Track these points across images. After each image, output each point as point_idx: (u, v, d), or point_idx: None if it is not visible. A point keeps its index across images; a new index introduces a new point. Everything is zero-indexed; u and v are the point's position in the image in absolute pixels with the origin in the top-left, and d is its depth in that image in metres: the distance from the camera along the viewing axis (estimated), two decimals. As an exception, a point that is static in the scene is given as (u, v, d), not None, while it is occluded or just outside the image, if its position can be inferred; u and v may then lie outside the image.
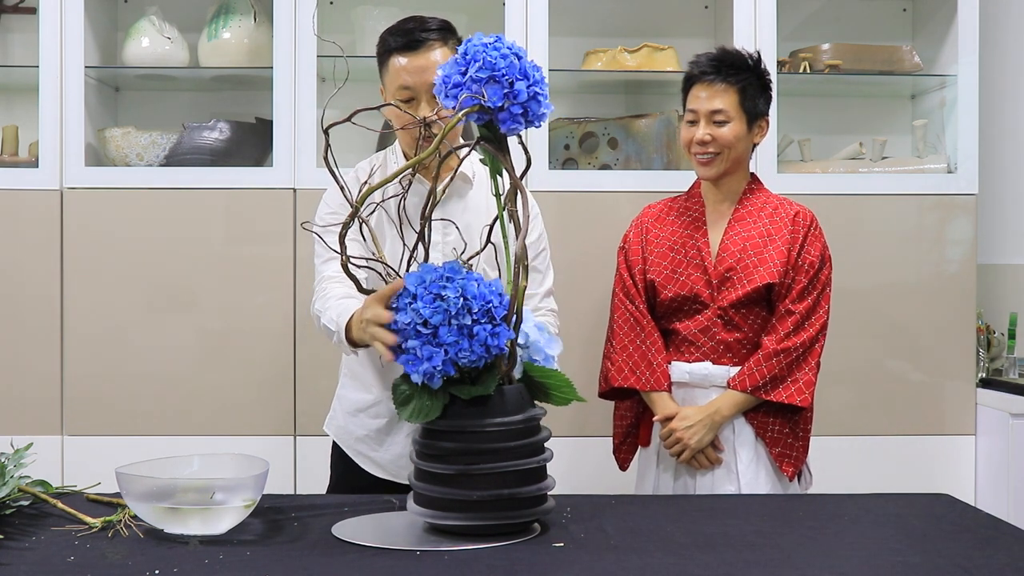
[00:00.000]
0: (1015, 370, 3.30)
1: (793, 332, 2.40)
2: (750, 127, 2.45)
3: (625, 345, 2.49)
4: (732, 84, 2.41)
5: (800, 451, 2.43)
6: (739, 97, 2.42)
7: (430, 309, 1.65)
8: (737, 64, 2.43)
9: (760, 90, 2.45)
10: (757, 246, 2.43)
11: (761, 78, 2.46)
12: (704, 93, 2.43)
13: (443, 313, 1.65)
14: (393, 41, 2.19)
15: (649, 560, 1.59)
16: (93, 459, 2.97)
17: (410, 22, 2.21)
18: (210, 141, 3.15)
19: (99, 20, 3.24)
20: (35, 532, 1.74)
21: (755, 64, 2.45)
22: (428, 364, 1.66)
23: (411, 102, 2.17)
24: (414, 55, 2.17)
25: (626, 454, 2.58)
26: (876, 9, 3.52)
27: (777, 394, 2.38)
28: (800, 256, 2.43)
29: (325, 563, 1.57)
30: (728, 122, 2.41)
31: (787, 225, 2.45)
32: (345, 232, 1.73)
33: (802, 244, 2.43)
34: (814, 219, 2.48)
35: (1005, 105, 3.51)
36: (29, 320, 3.09)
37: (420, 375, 1.67)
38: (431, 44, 2.17)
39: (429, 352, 1.66)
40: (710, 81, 2.42)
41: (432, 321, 1.65)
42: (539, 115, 1.70)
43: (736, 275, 2.42)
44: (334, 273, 2.15)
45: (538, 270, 2.32)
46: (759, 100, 2.45)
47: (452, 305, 1.65)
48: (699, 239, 2.48)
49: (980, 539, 1.73)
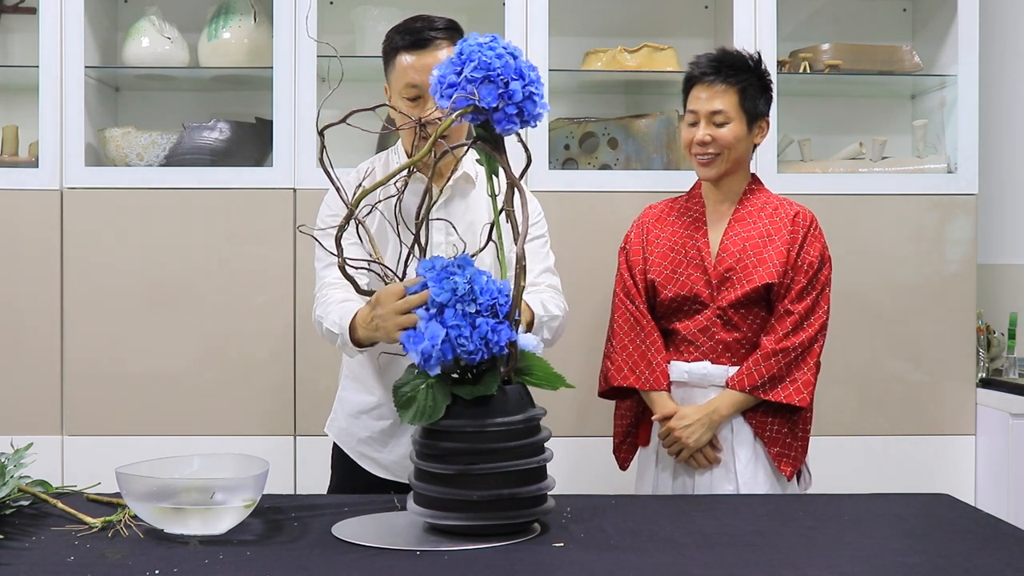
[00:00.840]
0: (1015, 370, 3.30)
1: (792, 332, 2.40)
2: (750, 128, 2.45)
3: (625, 345, 2.49)
4: (732, 85, 2.41)
5: (799, 451, 2.43)
6: (739, 98, 2.42)
7: (438, 288, 1.67)
8: (737, 65, 2.43)
9: (760, 91, 2.46)
10: (757, 246, 2.44)
11: (761, 79, 2.46)
12: (704, 94, 2.43)
13: (450, 292, 1.66)
14: (400, 39, 2.19)
15: (649, 560, 1.59)
16: (93, 459, 2.97)
17: (417, 21, 2.21)
18: (210, 141, 3.15)
19: (99, 20, 3.24)
20: (35, 532, 1.74)
21: (755, 65, 2.45)
22: (428, 342, 1.66)
23: (417, 100, 2.17)
24: (421, 53, 2.17)
25: (626, 454, 2.58)
26: (876, 9, 3.52)
27: (775, 394, 2.39)
28: (800, 256, 2.43)
29: (325, 563, 1.57)
30: (728, 123, 2.42)
31: (787, 225, 2.45)
32: (341, 234, 1.73)
33: (801, 244, 2.44)
34: (814, 219, 2.48)
35: (1005, 105, 3.51)
36: (29, 320, 3.09)
37: (418, 353, 1.68)
38: (438, 43, 2.17)
39: (431, 331, 1.67)
40: (710, 82, 2.42)
41: (438, 300, 1.67)
42: (535, 115, 1.70)
43: (736, 275, 2.43)
44: (335, 280, 2.16)
45: (537, 252, 2.30)
46: (759, 101, 2.46)
47: (460, 287, 1.66)
48: (699, 239, 2.48)
49: (980, 539, 1.73)
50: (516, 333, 1.72)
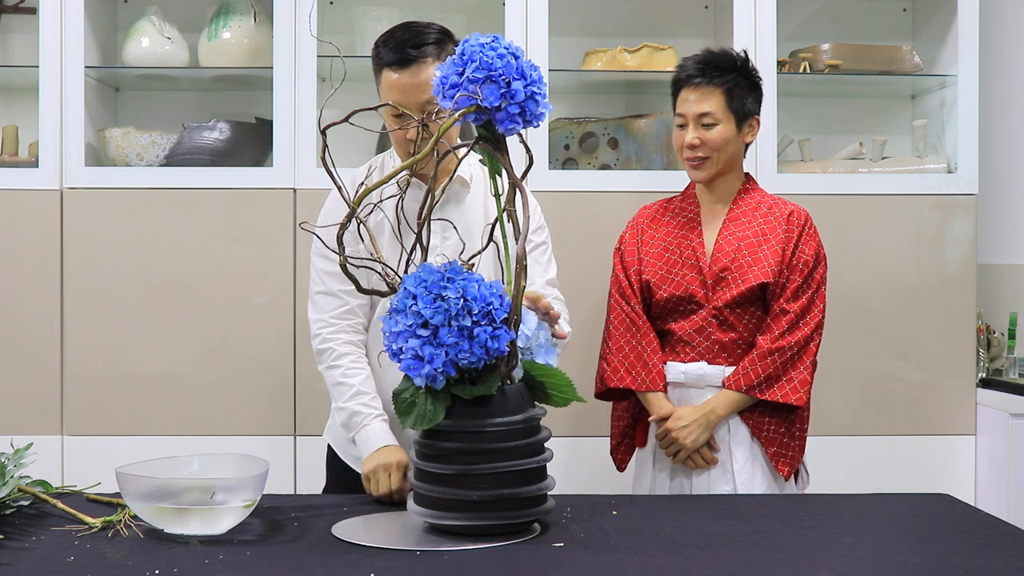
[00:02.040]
0: (1015, 370, 3.30)
1: (788, 331, 2.40)
2: (739, 127, 2.44)
3: (621, 346, 2.49)
4: (718, 86, 2.41)
5: (796, 451, 2.43)
6: (725, 98, 2.41)
7: (431, 310, 1.65)
8: (722, 65, 2.43)
9: (748, 89, 2.45)
10: (751, 246, 2.44)
11: (749, 76, 2.45)
12: (691, 96, 2.43)
13: (444, 314, 1.65)
14: (385, 55, 2.14)
15: (649, 560, 1.59)
16: (93, 459, 2.97)
17: (404, 32, 2.15)
18: (210, 141, 3.15)
19: (99, 20, 3.24)
20: (35, 532, 1.74)
21: (742, 63, 2.45)
22: (430, 367, 1.66)
23: (402, 116, 2.13)
24: (404, 72, 2.13)
25: (623, 455, 2.58)
26: (876, 9, 3.52)
27: (772, 393, 2.38)
28: (795, 255, 2.43)
29: (325, 563, 1.57)
30: (716, 124, 2.42)
31: (781, 225, 2.45)
32: (343, 232, 1.73)
33: (796, 243, 2.43)
34: (808, 218, 2.48)
35: (1005, 105, 3.51)
36: (29, 320, 3.09)
37: (423, 378, 1.67)
38: (423, 61, 2.12)
39: (430, 354, 1.65)
40: (696, 84, 2.42)
41: (432, 322, 1.65)
42: (537, 115, 1.70)
43: (731, 275, 2.43)
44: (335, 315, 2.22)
45: (538, 262, 2.30)
46: (747, 100, 2.45)
47: (452, 306, 1.64)
48: (694, 239, 2.48)
49: (980, 539, 1.73)
50: (515, 333, 1.72)
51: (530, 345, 1.81)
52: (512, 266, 1.72)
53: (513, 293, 1.71)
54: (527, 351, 1.81)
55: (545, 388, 1.78)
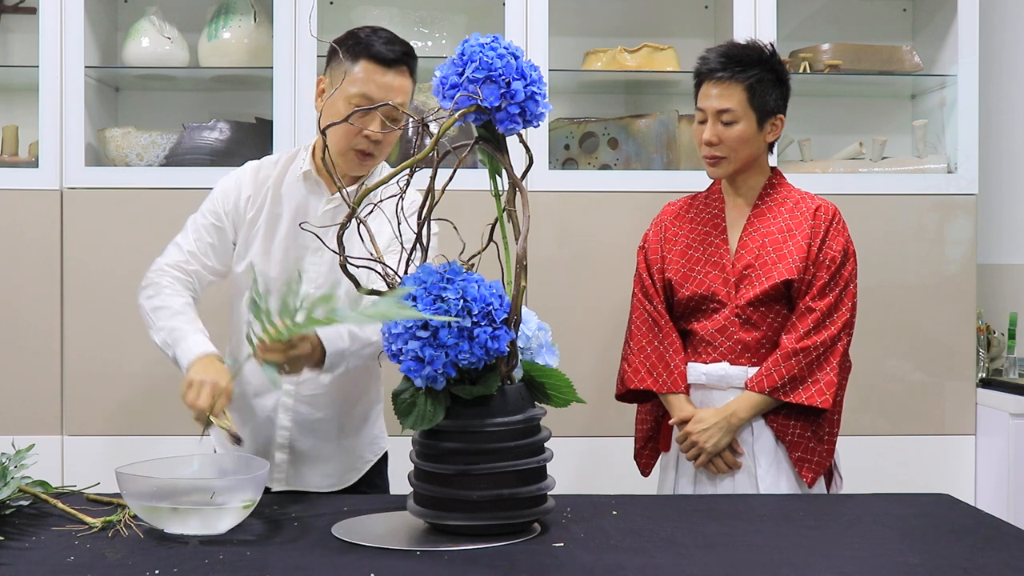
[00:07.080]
0: (1015, 370, 3.30)
1: (813, 330, 2.31)
2: (761, 126, 2.34)
3: (643, 346, 2.41)
4: (740, 82, 2.30)
5: (823, 455, 2.32)
6: (747, 95, 2.31)
7: (431, 311, 1.64)
8: (746, 60, 2.32)
9: (772, 85, 2.33)
10: (776, 242, 2.35)
11: (774, 71, 2.33)
12: (713, 91, 2.32)
13: (443, 315, 1.64)
14: (377, 47, 2.12)
15: (649, 560, 1.59)
16: (93, 459, 2.97)
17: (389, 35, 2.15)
18: (210, 141, 3.15)
19: (99, 20, 3.24)
20: (35, 532, 1.74)
21: (768, 57, 2.33)
22: (430, 368, 1.65)
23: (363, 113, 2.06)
24: (390, 71, 2.12)
25: (647, 459, 2.48)
26: (876, 9, 3.52)
27: (797, 395, 2.29)
28: (821, 251, 2.33)
29: (325, 563, 1.57)
30: (736, 122, 2.32)
31: (808, 219, 2.35)
32: (343, 232, 1.73)
33: (823, 239, 2.34)
34: (837, 213, 2.38)
35: (1005, 105, 3.51)
36: (29, 320, 3.09)
37: (423, 379, 1.67)
38: (404, 69, 2.14)
39: (430, 355, 1.65)
40: (718, 79, 2.32)
41: (435, 325, 1.64)
42: (537, 115, 1.70)
43: (754, 272, 2.34)
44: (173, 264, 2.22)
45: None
46: (770, 96, 2.33)
47: (452, 307, 1.64)
48: (717, 237, 2.40)
49: (980, 539, 1.73)
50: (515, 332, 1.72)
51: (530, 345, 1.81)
52: (512, 266, 1.72)
53: (513, 293, 1.71)
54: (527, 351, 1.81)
55: (545, 388, 1.78)
